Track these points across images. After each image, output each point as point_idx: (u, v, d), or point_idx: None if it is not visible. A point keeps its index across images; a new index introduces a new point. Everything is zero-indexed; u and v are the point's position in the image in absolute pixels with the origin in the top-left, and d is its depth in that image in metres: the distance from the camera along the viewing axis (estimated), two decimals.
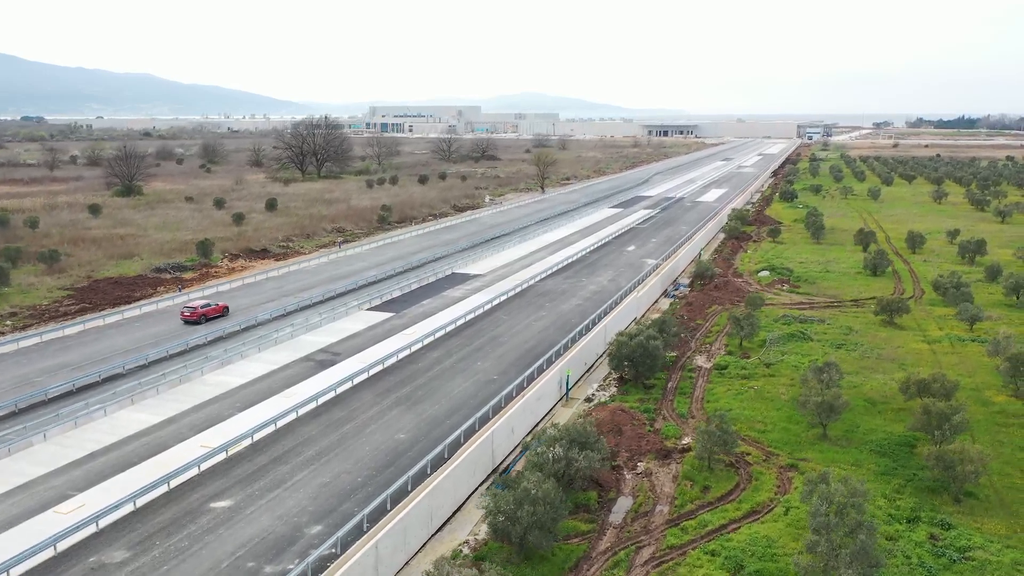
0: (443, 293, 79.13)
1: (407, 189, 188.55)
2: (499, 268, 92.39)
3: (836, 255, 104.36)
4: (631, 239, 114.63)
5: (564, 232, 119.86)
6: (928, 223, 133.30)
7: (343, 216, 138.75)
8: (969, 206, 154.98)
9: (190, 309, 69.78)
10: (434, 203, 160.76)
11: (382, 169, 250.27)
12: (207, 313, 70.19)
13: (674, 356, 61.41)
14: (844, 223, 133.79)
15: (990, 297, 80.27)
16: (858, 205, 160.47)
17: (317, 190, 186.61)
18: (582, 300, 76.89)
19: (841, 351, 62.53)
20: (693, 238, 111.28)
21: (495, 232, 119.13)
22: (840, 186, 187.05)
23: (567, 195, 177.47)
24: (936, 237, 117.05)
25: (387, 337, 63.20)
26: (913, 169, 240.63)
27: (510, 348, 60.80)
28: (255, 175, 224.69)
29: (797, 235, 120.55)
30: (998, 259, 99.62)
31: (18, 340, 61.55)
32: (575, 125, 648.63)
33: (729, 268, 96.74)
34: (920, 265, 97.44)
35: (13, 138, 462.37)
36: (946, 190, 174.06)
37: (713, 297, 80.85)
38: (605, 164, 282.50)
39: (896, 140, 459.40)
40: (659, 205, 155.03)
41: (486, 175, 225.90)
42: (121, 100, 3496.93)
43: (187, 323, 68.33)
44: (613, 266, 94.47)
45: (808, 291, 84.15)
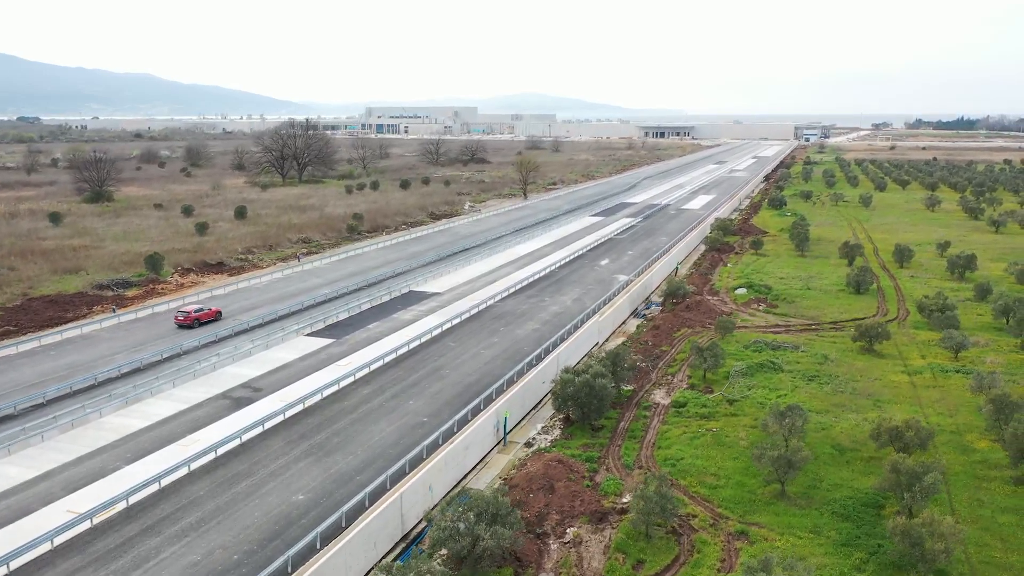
0: (394, 315, 73.96)
1: (387, 195, 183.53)
2: (461, 285, 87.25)
3: (819, 269, 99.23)
4: (606, 252, 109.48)
5: (537, 244, 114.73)
6: (919, 233, 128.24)
7: (313, 225, 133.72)
8: (963, 214, 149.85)
9: (183, 314, 70.60)
10: (412, 210, 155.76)
11: (367, 173, 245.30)
12: (200, 317, 71.08)
13: (630, 390, 56.33)
14: (832, 232, 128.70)
15: (979, 319, 75.18)
16: (849, 213, 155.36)
17: (294, 196, 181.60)
18: (540, 324, 71.73)
19: (813, 384, 57.44)
20: (671, 251, 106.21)
21: (466, 244, 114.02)
22: (831, 192, 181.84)
23: (550, 202, 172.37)
24: (926, 249, 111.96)
25: (319, 369, 58.07)
26: (908, 173, 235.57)
27: (450, 383, 55.64)
28: (235, 179, 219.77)
29: (782, 246, 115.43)
30: (989, 274, 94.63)
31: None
32: (571, 127, 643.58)
33: (705, 285, 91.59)
34: (907, 281, 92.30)
35: (1, 140, 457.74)
36: (940, 197, 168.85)
37: (683, 319, 75.71)
38: (596, 167, 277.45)
39: (893, 142, 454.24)
40: (642, 213, 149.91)
41: (471, 180, 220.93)
42: (121, 100, 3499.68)
43: (180, 327, 69.54)
44: (581, 283, 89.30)
45: (786, 311, 79.02)
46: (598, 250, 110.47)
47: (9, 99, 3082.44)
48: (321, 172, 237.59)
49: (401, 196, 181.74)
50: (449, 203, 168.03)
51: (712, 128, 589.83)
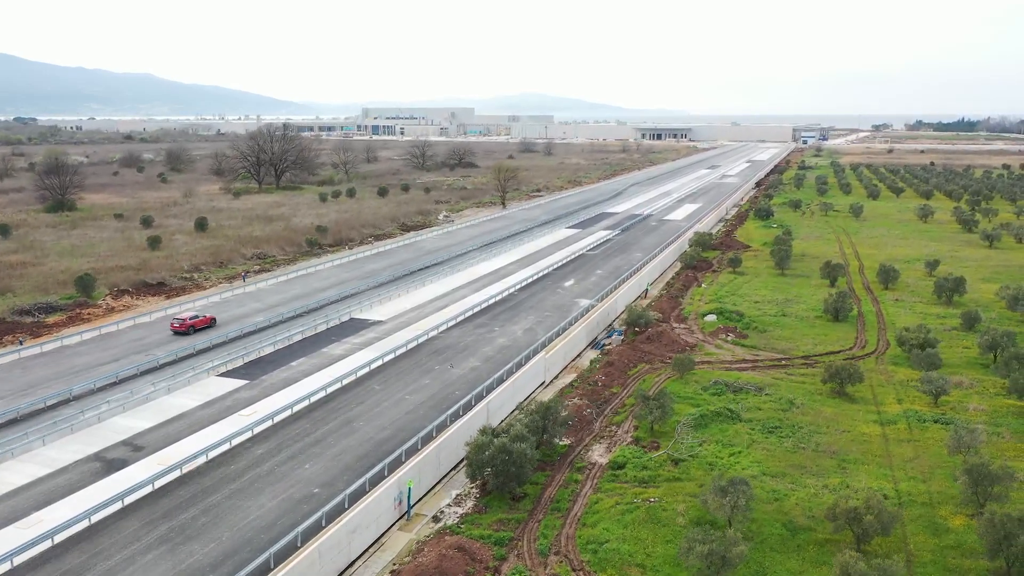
0: (323, 349, 67.59)
1: (362, 203, 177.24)
2: (409, 311, 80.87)
3: (798, 291, 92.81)
4: (574, 270, 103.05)
5: (503, 261, 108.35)
6: (909, 247, 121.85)
7: (275, 238, 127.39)
8: (956, 226, 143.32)
9: (179, 321, 72.12)
10: (383, 221, 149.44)
11: (348, 179, 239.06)
12: (195, 324, 72.51)
13: (565, 446, 50.03)
14: (817, 247, 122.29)
15: (964, 353, 68.74)
16: (838, 223, 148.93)
17: (266, 204, 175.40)
18: (482, 361, 65.33)
19: (772, 438, 51.07)
20: (643, 269, 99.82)
21: (427, 261, 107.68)
22: (821, 201, 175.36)
23: (529, 211, 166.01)
24: (914, 267, 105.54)
25: (219, 420, 51.73)
26: (903, 179, 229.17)
27: (359, 440, 49.26)
28: (211, 185, 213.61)
29: (762, 263, 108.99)
30: (979, 297, 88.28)
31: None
32: (568, 128, 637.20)
33: (674, 309, 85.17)
34: (890, 306, 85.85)
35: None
36: (933, 207, 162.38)
37: (642, 353, 69.34)
38: (585, 172, 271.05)
39: (892, 145, 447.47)
40: (621, 225, 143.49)
41: (453, 187, 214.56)
42: (121, 100, 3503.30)
43: (176, 334, 71.29)
44: (539, 309, 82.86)
45: (755, 343, 72.62)
46: (565, 268, 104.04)
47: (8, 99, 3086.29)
48: (300, 178, 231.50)
49: (377, 205, 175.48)
50: (423, 213, 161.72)
51: (709, 130, 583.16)
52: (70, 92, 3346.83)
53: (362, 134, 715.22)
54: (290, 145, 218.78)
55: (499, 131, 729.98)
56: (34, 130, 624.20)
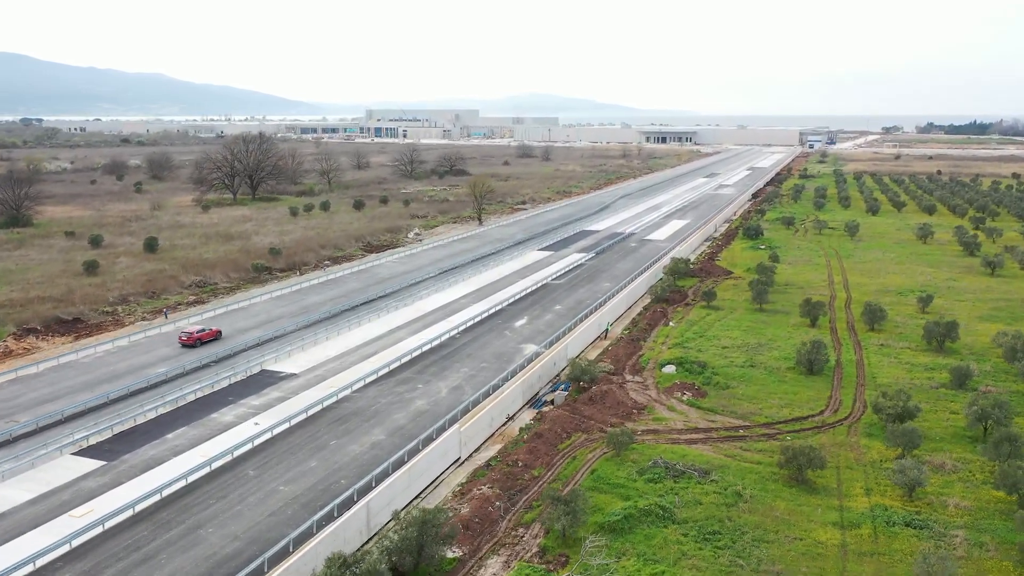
0: (212, 415, 59.04)
1: (333, 219, 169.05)
2: (330, 361, 72.32)
3: (774, 333, 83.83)
4: (531, 305, 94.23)
5: (458, 292, 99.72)
6: (903, 275, 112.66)
7: (223, 262, 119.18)
8: (958, 248, 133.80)
9: (187, 334, 76.33)
10: (347, 240, 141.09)
11: (330, 188, 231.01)
12: (202, 338, 76.71)
13: (454, 560, 41.41)
14: (804, 274, 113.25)
15: (951, 422, 59.68)
16: (831, 243, 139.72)
17: (232, 219, 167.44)
18: (388, 433, 56.64)
19: (707, 549, 42.32)
20: (607, 304, 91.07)
21: (375, 292, 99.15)
22: (815, 217, 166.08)
23: (506, 228, 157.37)
24: (906, 301, 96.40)
25: (39, 525, 43.19)
26: (907, 190, 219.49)
27: (197, 559, 40.46)
28: (185, 196, 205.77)
29: (740, 295, 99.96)
30: (975, 342, 79.18)
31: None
32: (571, 131, 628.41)
33: (632, 357, 76.34)
34: (874, 353, 76.79)
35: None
36: (935, 224, 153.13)
37: (582, 418, 60.65)
38: (578, 181, 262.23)
39: (899, 150, 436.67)
40: (599, 246, 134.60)
41: (436, 198, 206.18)
42: (131, 100, 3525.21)
43: (184, 347, 75.37)
44: (477, 358, 74.11)
45: (715, 404, 63.77)
46: (523, 303, 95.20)
47: (20, 99, 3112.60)
48: (281, 188, 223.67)
49: (348, 220, 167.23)
50: (393, 231, 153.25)
51: (715, 133, 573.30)
52: (81, 92, 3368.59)
53: (365, 136, 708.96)
54: (266, 155, 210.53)
55: (503, 133, 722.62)
56: (34, 132, 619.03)
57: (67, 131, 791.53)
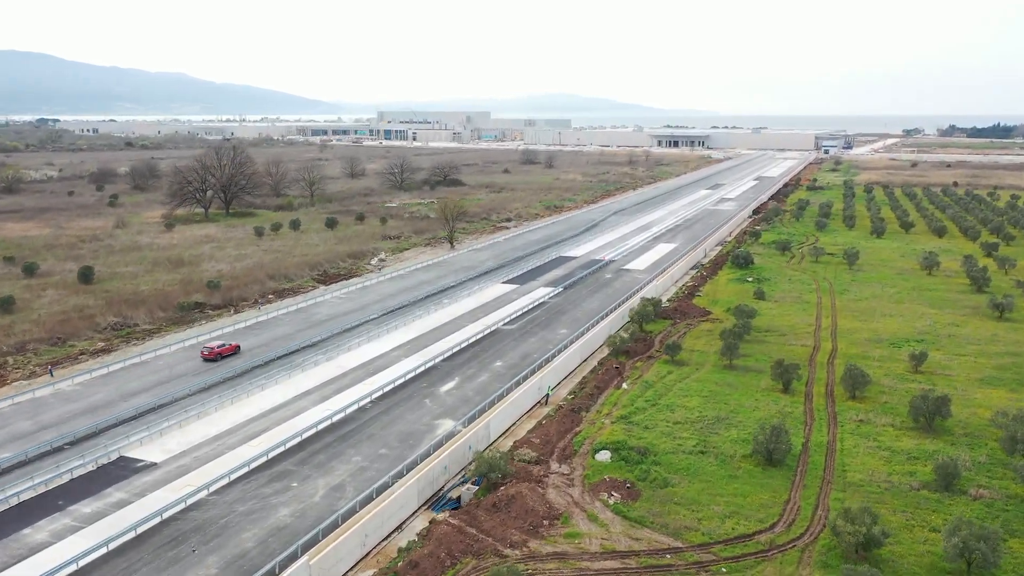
0: (24, 531, 48.78)
1: (299, 240, 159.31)
2: (205, 444, 61.99)
3: (740, 400, 72.74)
4: (467, 361, 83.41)
5: (394, 340, 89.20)
6: (900, 318, 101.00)
7: (158, 296, 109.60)
8: (965, 281, 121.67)
9: (208, 349, 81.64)
10: (303, 268, 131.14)
11: (311, 201, 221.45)
12: (222, 352, 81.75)
13: None
14: (789, 316, 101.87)
15: (927, 549, 48.33)
16: (827, 274, 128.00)
17: (193, 240, 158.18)
18: (225, 564, 46.05)
19: None
20: (554, 360, 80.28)
21: (301, 340, 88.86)
22: (813, 243, 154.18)
23: (477, 252, 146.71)
24: (898, 356, 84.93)
25: None
26: (919, 206, 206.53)
27: None
28: (157, 211, 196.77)
29: (712, 346, 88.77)
30: (970, 419, 67.77)
31: None
32: (582, 134, 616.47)
33: (565, 436, 65.53)
34: (850, 434, 65.51)
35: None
36: (942, 253, 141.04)
37: (479, 533, 50.01)
38: (574, 193, 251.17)
39: (918, 156, 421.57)
40: (570, 277, 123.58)
41: (417, 214, 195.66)
42: (153, 100, 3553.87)
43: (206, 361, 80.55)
44: (378, 440, 63.48)
45: (644, 512, 52.85)
46: (460, 357, 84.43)
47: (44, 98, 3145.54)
48: (260, 201, 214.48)
49: (316, 241, 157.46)
50: (356, 256, 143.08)
51: (728, 137, 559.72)
52: (104, 92, 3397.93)
53: (374, 138, 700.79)
54: (240, 168, 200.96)
55: (514, 136, 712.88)
56: (40, 135, 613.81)
57: (77, 132, 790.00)
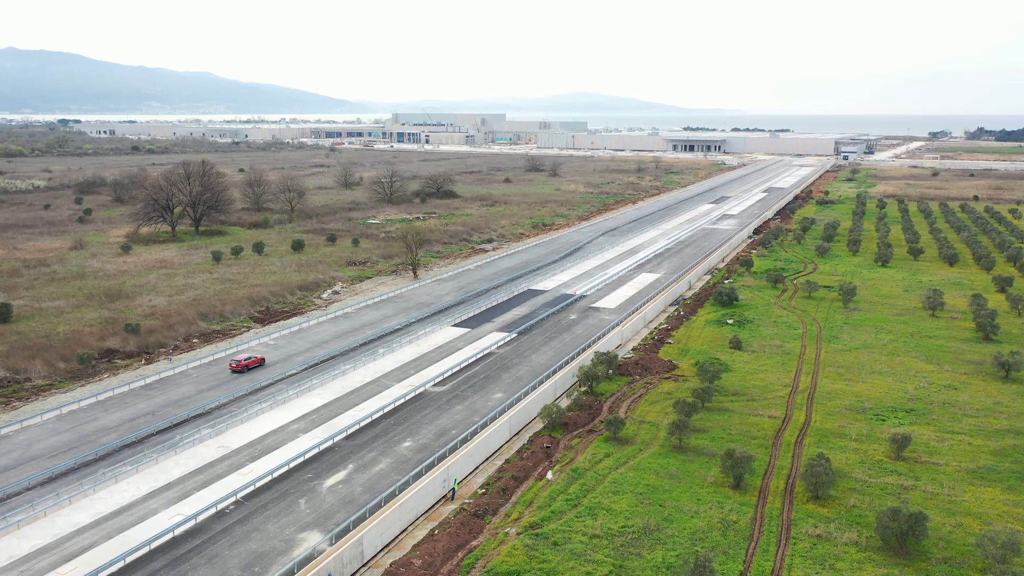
0: None
1: (259, 265, 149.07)
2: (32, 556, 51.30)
3: (680, 500, 60.93)
4: (372, 440, 71.96)
5: (300, 408, 78.05)
6: (892, 377, 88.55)
7: (71, 341, 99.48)
8: (971, 325, 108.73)
9: (236, 361, 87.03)
10: (248, 302, 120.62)
11: (290, 217, 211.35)
12: (248, 364, 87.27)
13: None
14: (764, 373, 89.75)
15: None
16: (819, 313, 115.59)
17: (146, 265, 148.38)
18: None
19: None
20: (471, 442, 68.89)
21: (199, 406, 78.01)
22: (809, 271, 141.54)
23: (442, 284, 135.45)
24: (880, 433, 72.69)
25: None
26: (933, 227, 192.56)
27: None
28: (124, 229, 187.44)
29: (665, 417, 76.95)
30: (951, 538, 55.48)
31: None
32: (596, 138, 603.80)
33: (455, 556, 54.12)
34: (801, 559, 53.51)
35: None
36: (950, 287, 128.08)
37: None
38: (570, 207, 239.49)
39: (940, 162, 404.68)
40: (531, 318, 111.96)
41: (391, 235, 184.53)
42: (179, 99, 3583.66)
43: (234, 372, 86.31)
44: (217, 568, 52.27)
45: None
46: (368, 432, 73.06)
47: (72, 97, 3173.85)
48: (235, 218, 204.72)
49: (275, 267, 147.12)
50: (310, 287, 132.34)
51: (745, 142, 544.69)
52: (130, 91, 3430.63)
53: (387, 141, 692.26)
54: (208, 186, 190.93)
55: (528, 138, 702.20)
56: (51, 138, 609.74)
57: (93, 134, 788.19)
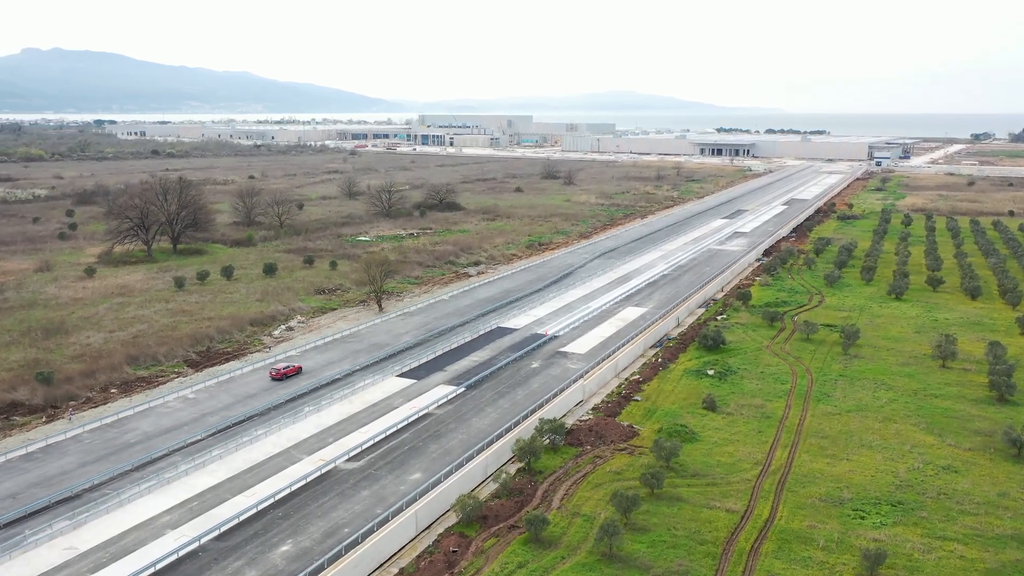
0: None
1: (223, 291, 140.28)
2: None
3: None
4: (249, 540, 61.35)
5: (172, 497, 67.79)
6: (883, 454, 76.32)
7: None
8: (984, 381, 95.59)
9: (276, 370, 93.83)
10: (191, 339, 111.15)
11: (277, 234, 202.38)
12: (287, 373, 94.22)
13: None
14: (734, 444, 77.97)
15: None
16: (813, 362, 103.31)
17: (104, 292, 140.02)
18: None
19: None
20: (368, 541, 58.20)
21: (61, 489, 68.25)
22: (811, 308, 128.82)
23: (407, 319, 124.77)
24: (857, 531, 60.55)
25: None
26: (959, 250, 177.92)
27: None
28: (101, 247, 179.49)
29: (604, 508, 65.58)
30: None
31: None
32: (621, 142, 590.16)
33: None
34: None
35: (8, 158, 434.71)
36: (965, 333, 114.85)
37: None
38: (576, 221, 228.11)
39: (977, 172, 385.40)
40: (488, 366, 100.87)
41: (373, 259, 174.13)
42: (218, 99, 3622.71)
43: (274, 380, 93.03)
44: None
45: None
46: (245, 530, 62.60)
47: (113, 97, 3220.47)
48: (219, 234, 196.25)
49: (240, 294, 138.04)
50: (265, 322, 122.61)
51: (774, 146, 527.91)
52: (171, 91, 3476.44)
53: (411, 144, 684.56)
54: (186, 202, 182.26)
55: (554, 141, 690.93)
56: (76, 141, 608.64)
57: (122, 136, 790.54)
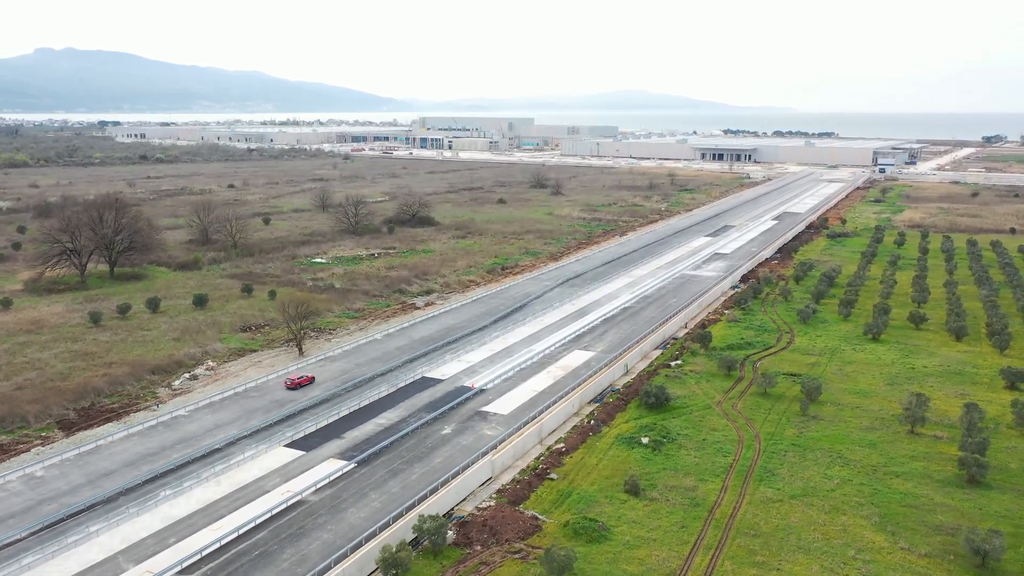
0: None
1: (139, 328, 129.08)
2: None
3: None
4: None
5: None
6: (820, 561, 64.01)
7: None
8: (956, 456, 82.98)
9: (291, 380, 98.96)
10: (75, 393, 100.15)
11: (229, 255, 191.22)
12: (301, 382, 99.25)
13: None
14: (648, 546, 66.04)
15: None
16: (767, 423, 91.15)
17: (11, 330, 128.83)
18: None
19: None
20: None
21: None
22: (777, 351, 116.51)
23: (321, 368, 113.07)
24: None
25: None
26: (949, 280, 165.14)
27: None
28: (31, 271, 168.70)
29: None
30: None
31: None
32: (620, 146, 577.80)
33: None
34: None
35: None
36: (941, 389, 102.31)
37: None
38: (551, 238, 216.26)
39: (984, 180, 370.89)
40: (393, 432, 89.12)
41: (319, 284, 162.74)
42: (228, 98, 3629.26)
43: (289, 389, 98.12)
44: None
45: None
46: None
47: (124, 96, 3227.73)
48: (164, 257, 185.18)
49: (158, 332, 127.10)
50: (168, 370, 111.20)
51: (777, 151, 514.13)
52: (182, 90, 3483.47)
53: (408, 147, 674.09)
54: (122, 226, 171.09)
55: (555, 144, 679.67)
56: (63, 146, 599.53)
57: (122, 138, 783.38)
